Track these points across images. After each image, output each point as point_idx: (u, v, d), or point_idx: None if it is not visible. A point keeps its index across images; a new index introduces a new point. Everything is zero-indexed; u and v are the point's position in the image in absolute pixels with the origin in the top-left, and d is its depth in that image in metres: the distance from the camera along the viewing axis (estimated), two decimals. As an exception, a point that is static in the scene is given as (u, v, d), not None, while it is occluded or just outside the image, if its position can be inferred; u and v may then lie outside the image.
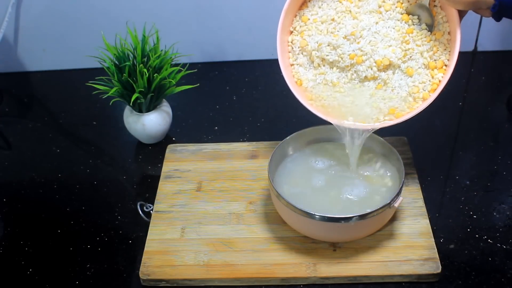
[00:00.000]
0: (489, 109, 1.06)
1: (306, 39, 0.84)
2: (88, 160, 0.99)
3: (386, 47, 0.80)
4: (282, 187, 0.82)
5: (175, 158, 0.95)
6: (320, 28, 0.84)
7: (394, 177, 0.82)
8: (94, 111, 1.09)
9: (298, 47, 0.86)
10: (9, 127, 1.10)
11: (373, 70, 0.80)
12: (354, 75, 0.82)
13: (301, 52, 0.86)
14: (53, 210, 0.91)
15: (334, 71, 0.83)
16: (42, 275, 0.80)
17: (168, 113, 0.99)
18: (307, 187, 0.82)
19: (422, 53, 0.79)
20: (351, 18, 0.83)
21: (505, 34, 1.14)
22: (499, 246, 0.80)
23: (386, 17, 0.82)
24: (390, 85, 0.81)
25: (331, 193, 0.81)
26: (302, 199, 0.78)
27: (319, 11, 0.85)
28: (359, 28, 0.81)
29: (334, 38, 0.82)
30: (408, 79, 0.80)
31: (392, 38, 0.80)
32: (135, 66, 0.91)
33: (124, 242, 0.84)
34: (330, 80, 0.83)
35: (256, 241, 0.81)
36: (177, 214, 0.86)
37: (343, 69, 0.82)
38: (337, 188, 0.81)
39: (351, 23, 0.82)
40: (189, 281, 0.77)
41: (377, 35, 0.81)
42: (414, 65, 0.80)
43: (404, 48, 0.80)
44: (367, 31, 0.81)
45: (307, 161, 0.86)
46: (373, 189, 0.81)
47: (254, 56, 1.18)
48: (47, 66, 1.20)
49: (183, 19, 1.13)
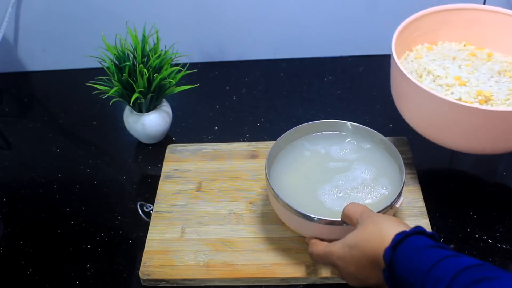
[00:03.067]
0: (489, 109, 1.06)
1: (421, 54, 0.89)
2: (88, 160, 0.99)
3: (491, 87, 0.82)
4: (282, 184, 0.80)
5: (175, 158, 0.95)
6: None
7: (393, 179, 0.81)
8: (94, 111, 1.09)
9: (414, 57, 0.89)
10: (9, 127, 1.10)
11: (470, 95, 0.80)
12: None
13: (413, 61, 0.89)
14: (53, 210, 0.91)
15: (433, 83, 0.84)
16: (42, 275, 0.80)
17: (168, 113, 0.99)
18: (304, 181, 0.81)
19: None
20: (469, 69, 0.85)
21: (505, 34, 1.14)
22: (499, 246, 0.80)
23: (503, 79, 0.84)
24: None
25: (328, 187, 0.80)
26: (299, 197, 0.78)
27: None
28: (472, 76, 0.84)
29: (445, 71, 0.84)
30: None
31: (501, 88, 0.81)
32: (135, 66, 0.91)
33: (124, 242, 0.84)
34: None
35: (256, 241, 0.81)
36: (177, 214, 0.86)
37: (442, 85, 0.83)
38: (334, 183, 0.80)
39: (467, 69, 0.85)
40: (189, 281, 0.77)
41: (487, 81, 0.83)
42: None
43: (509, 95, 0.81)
44: (479, 73, 0.84)
45: (301, 152, 0.85)
46: (372, 189, 0.80)
47: (254, 56, 1.18)
48: (47, 66, 1.20)
49: (183, 19, 1.13)
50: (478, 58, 0.88)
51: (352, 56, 1.17)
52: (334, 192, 0.79)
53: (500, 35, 0.89)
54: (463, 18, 0.89)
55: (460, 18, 0.89)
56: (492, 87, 0.82)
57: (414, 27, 0.88)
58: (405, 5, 1.11)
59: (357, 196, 0.79)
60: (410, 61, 0.89)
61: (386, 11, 1.11)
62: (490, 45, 0.90)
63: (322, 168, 0.83)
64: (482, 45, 0.91)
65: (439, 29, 0.90)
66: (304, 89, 1.10)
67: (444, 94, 0.81)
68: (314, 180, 0.81)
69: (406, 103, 0.83)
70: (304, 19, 1.13)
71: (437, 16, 0.89)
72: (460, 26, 0.90)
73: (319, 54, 1.17)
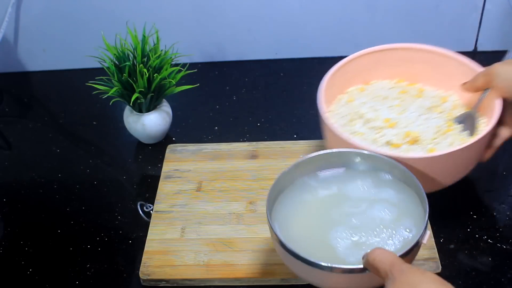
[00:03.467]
0: (489, 109, 1.06)
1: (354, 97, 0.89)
2: (88, 160, 0.99)
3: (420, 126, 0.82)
4: (287, 228, 0.69)
5: (175, 158, 0.95)
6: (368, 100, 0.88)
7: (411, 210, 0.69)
8: (94, 111, 1.09)
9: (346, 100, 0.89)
10: (9, 127, 1.10)
11: (399, 137, 0.81)
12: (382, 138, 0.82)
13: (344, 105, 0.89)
14: (53, 210, 0.91)
15: (364, 126, 0.84)
16: (42, 275, 0.80)
17: (168, 113, 0.99)
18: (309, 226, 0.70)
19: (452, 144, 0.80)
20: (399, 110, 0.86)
21: (505, 34, 1.14)
22: (499, 246, 0.80)
23: (432, 116, 0.84)
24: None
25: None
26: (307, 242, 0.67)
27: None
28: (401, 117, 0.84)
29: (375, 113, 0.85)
30: None
31: (430, 126, 0.82)
32: (135, 66, 0.91)
33: (124, 242, 0.84)
34: (357, 131, 0.83)
35: (256, 241, 0.81)
36: (177, 214, 0.86)
37: (373, 128, 0.83)
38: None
39: (397, 110, 0.85)
40: (189, 281, 0.77)
41: (416, 120, 0.83)
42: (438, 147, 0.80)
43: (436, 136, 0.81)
44: (407, 113, 0.84)
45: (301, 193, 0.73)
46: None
47: (254, 56, 1.18)
48: (47, 66, 1.20)
49: (183, 19, 1.13)
50: (409, 95, 0.89)
51: (352, 56, 1.17)
52: (347, 236, 0.67)
53: (430, 70, 0.89)
54: (394, 57, 0.90)
55: (391, 58, 0.90)
56: (420, 126, 0.82)
57: (345, 70, 0.88)
58: (405, 5, 1.11)
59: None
60: (343, 105, 0.88)
61: (386, 11, 1.11)
62: (422, 79, 0.91)
63: (333, 208, 0.71)
64: (414, 80, 0.91)
65: (372, 69, 0.91)
66: (304, 89, 1.10)
67: (374, 137, 0.81)
68: (324, 223, 0.69)
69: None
70: (304, 19, 1.13)
71: (369, 58, 0.89)
72: (392, 64, 0.90)
73: (319, 54, 1.17)
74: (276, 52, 1.18)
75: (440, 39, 1.14)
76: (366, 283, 0.63)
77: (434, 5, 1.10)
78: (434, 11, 1.11)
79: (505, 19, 1.11)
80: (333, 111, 0.87)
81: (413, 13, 1.12)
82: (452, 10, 1.11)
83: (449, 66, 0.87)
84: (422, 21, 1.13)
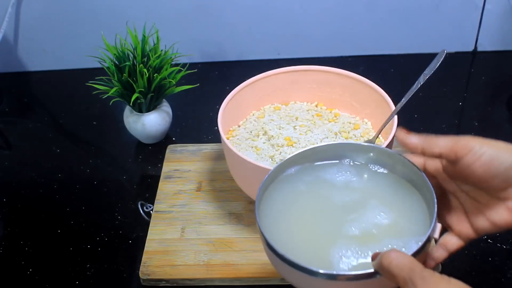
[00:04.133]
0: (489, 109, 1.06)
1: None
2: (88, 160, 0.99)
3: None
4: (276, 234, 0.60)
5: (175, 158, 0.95)
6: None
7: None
8: (94, 111, 1.09)
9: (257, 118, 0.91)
10: (9, 127, 1.10)
11: None
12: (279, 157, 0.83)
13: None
14: (53, 210, 0.91)
15: (266, 143, 0.85)
16: (42, 275, 0.80)
17: (168, 113, 0.99)
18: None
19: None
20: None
21: (505, 34, 1.14)
22: (499, 246, 0.80)
23: (337, 140, 0.85)
24: None
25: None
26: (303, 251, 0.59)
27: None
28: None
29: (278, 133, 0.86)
30: None
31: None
32: (135, 66, 0.91)
33: (124, 242, 0.84)
34: (256, 146, 0.85)
35: (256, 241, 0.81)
36: (177, 214, 0.86)
37: (273, 145, 0.84)
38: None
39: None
40: (189, 281, 0.77)
41: (316, 141, 0.84)
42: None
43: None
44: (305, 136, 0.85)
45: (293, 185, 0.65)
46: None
47: (254, 56, 1.18)
48: (47, 66, 1.20)
49: (183, 19, 1.13)
50: (323, 118, 0.89)
51: (352, 56, 1.17)
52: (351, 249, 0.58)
53: (348, 96, 0.89)
54: (312, 79, 0.90)
55: (308, 79, 0.90)
56: None
57: (260, 86, 0.89)
58: (405, 5, 1.11)
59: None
60: (253, 121, 0.90)
61: (386, 11, 1.12)
62: (339, 105, 0.91)
63: (327, 209, 0.63)
64: (332, 105, 0.92)
65: (290, 89, 0.91)
66: (304, 89, 1.10)
67: (271, 154, 0.82)
68: (320, 228, 0.61)
69: (231, 165, 0.84)
70: (304, 19, 1.13)
71: (286, 77, 0.90)
72: (309, 87, 0.91)
73: (319, 54, 1.17)
74: (278, 53, 1.18)
75: (440, 39, 1.15)
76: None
77: (434, 5, 1.10)
78: (434, 11, 1.11)
79: (505, 19, 1.11)
80: (243, 125, 0.89)
81: (413, 13, 1.12)
82: (452, 10, 1.11)
83: (364, 93, 0.87)
84: (422, 21, 1.13)
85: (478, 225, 0.56)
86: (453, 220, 0.58)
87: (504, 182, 0.52)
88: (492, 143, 0.53)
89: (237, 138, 0.87)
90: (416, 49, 1.15)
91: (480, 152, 0.52)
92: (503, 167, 0.52)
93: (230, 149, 0.77)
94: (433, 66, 0.82)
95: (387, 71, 1.14)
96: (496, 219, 0.55)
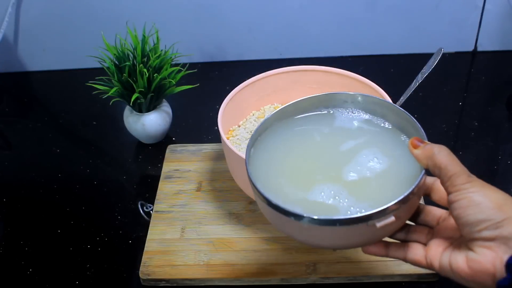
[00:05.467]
0: (489, 109, 1.06)
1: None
2: (88, 160, 0.99)
3: None
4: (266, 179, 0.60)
5: (175, 158, 0.95)
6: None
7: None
8: (94, 111, 1.09)
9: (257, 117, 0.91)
10: (9, 127, 1.10)
11: None
12: None
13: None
14: (53, 210, 0.91)
15: None
16: (42, 275, 0.80)
17: (168, 113, 0.99)
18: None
19: None
20: None
21: (505, 34, 1.14)
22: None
23: None
24: None
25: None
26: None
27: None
28: None
29: None
30: None
31: None
32: (135, 66, 0.92)
33: (124, 242, 0.84)
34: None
35: (256, 241, 0.81)
36: (177, 214, 0.86)
37: None
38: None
39: None
40: (189, 281, 0.77)
41: None
42: None
43: None
44: None
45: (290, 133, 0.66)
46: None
47: (254, 56, 1.18)
48: (47, 66, 1.20)
49: (183, 19, 1.13)
50: None
51: (352, 56, 1.17)
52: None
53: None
54: (312, 79, 0.90)
55: (308, 79, 0.90)
56: None
57: (260, 86, 0.89)
58: (405, 5, 1.11)
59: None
60: (253, 121, 0.90)
61: (386, 11, 1.12)
62: None
63: (319, 155, 0.63)
64: None
65: (289, 89, 0.91)
66: (304, 89, 1.10)
67: None
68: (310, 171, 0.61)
69: (230, 164, 0.84)
70: (304, 19, 1.13)
71: (286, 77, 0.90)
72: (309, 87, 0.91)
73: (319, 54, 1.17)
74: (280, 53, 1.18)
75: (440, 39, 1.15)
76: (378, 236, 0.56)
77: (434, 5, 1.11)
78: (434, 11, 1.11)
79: (505, 19, 1.11)
80: (243, 125, 0.90)
81: (413, 13, 1.12)
82: (452, 10, 1.11)
83: (364, 93, 0.86)
84: (422, 21, 1.13)
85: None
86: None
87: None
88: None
89: (237, 138, 0.87)
90: (416, 49, 1.15)
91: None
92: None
93: (230, 149, 0.77)
94: (431, 64, 0.82)
95: (387, 71, 1.14)
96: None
